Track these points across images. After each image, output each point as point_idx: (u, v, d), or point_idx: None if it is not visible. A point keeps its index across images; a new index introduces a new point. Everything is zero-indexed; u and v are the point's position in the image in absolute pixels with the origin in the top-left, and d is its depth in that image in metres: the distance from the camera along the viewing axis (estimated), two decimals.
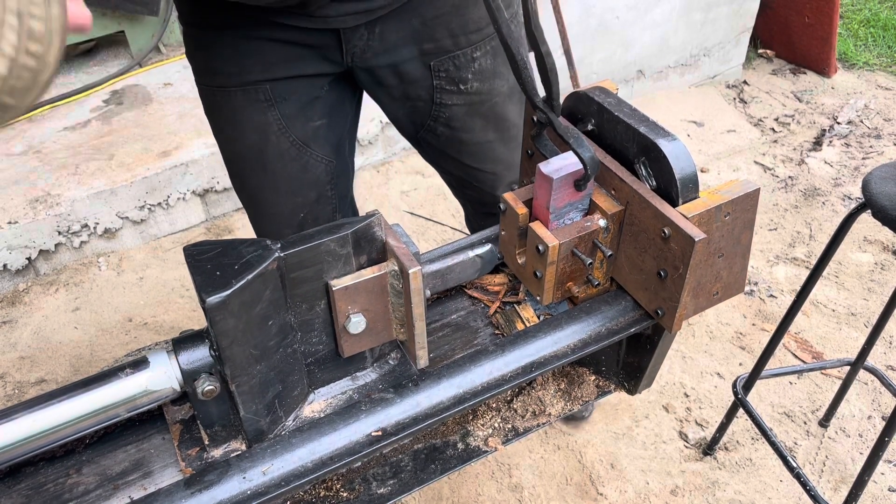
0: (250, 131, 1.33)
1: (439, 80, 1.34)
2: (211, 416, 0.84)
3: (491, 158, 1.48)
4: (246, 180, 1.42)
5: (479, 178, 1.52)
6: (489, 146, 1.46)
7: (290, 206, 1.41)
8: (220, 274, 0.75)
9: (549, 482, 2.00)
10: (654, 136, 0.88)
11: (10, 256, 2.53)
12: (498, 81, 1.38)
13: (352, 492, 1.02)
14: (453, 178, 1.57)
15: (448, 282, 1.06)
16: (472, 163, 1.48)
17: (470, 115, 1.39)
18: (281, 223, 1.43)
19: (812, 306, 2.53)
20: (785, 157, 3.32)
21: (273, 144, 1.34)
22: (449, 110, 1.38)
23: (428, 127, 1.42)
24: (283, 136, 1.33)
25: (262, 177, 1.38)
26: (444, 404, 0.88)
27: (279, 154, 1.35)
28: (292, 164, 1.37)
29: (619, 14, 3.34)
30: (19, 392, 2.27)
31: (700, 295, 0.96)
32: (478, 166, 1.49)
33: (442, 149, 1.46)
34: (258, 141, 1.33)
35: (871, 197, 1.39)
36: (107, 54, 3.42)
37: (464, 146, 1.44)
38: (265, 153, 1.35)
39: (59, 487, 0.86)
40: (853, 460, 2.04)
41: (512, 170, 1.54)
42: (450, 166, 1.52)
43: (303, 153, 1.37)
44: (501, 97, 1.40)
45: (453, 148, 1.45)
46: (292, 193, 1.40)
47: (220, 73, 1.29)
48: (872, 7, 4.43)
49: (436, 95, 1.36)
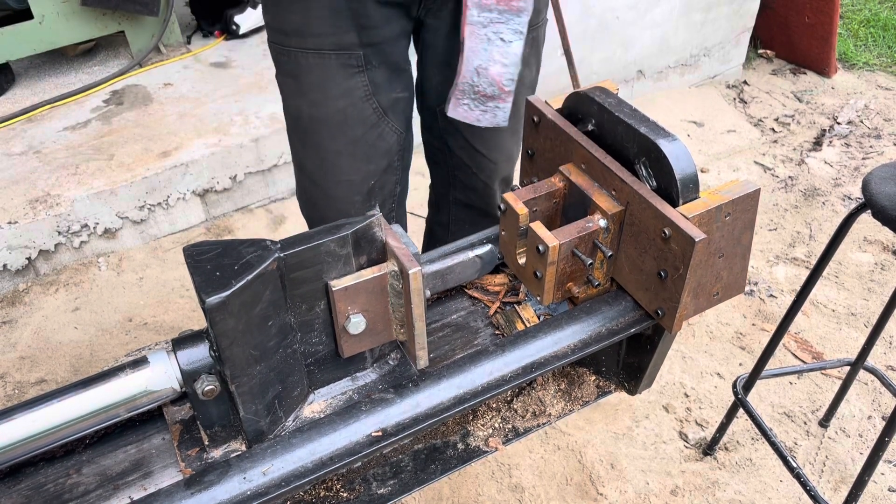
0: (338, 96, 1.35)
1: None
2: (210, 416, 0.84)
3: (497, 146, 1.53)
4: (325, 145, 1.42)
5: (480, 163, 1.56)
6: (500, 133, 1.50)
7: (363, 172, 1.45)
8: (219, 274, 0.75)
9: (549, 482, 2.00)
10: (654, 136, 0.88)
11: (10, 256, 2.53)
12: (526, 71, 1.41)
13: (352, 492, 1.02)
14: (452, 159, 1.60)
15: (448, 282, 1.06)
16: (479, 146, 1.52)
17: None
18: (352, 189, 1.46)
19: (812, 306, 2.53)
20: (785, 157, 3.32)
21: (358, 109, 1.37)
22: None
23: None
24: (368, 102, 1.37)
25: (343, 142, 1.40)
26: (444, 405, 0.87)
27: (362, 120, 1.39)
28: (371, 131, 1.41)
29: (619, 14, 3.34)
30: (19, 392, 2.27)
31: (700, 295, 0.96)
32: (483, 151, 1.53)
33: (457, 126, 1.48)
34: (344, 106, 1.36)
35: (871, 197, 1.39)
36: (107, 54, 3.42)
37: (479, 129, 1.46)
38: (349, 118, 1.38)
39: (60, 487, 0.86)
40: (853, 460, 2.04)
41: (509, 163, 1.61)
42: (457, 145, 1.55)
43: (382, 121, 1.41)
44: (524, 87, 1.43)
45: (468, 128, 1.47)
46: (367, 160, 1.44)
47: (314, 35, 1.30)
48: (872, 7, 4.43)
49: None
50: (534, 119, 1.04)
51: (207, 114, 2.97)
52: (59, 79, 3.24)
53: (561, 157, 1.01)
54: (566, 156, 1.00)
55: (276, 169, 2.93)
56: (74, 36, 3.12)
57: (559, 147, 1.01)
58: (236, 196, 2.90)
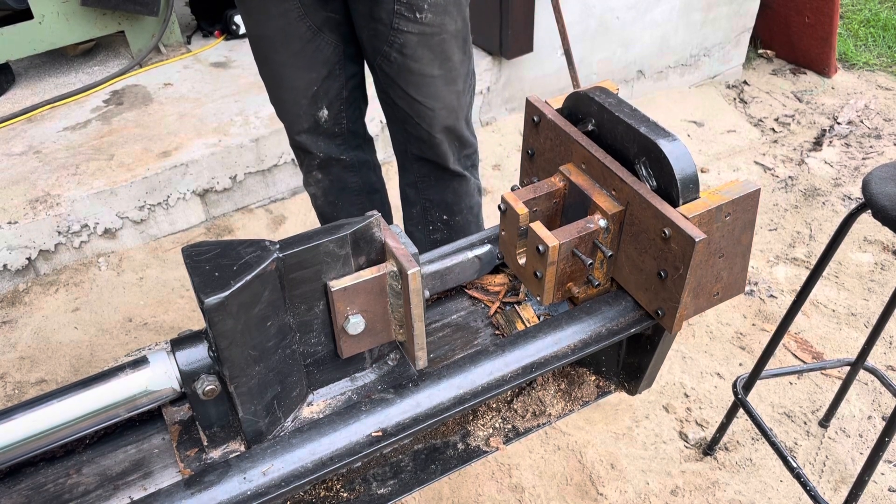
0: (276, 16, 1.62)
1: (399, 6, 1.56)
2: (209, 416, 0.84)
3: (432, 94, 1.70)
4: (270, 57, 1.70)
5: (419, 111, 1.72)
6: (432, 81, 1.68)
7: (305, 80, 1.71)
8: (218, 275, 0.75)
9: (549, 482, 2.00)
10: (654, 136, 0.88)
11: (10, 256, 2.53)
12: (448, 19, 1.62)
13: (352, 492, 1.02)
14: (398, 112, 1.77)
15: (447, 282, 1.06)
16: (415, 94, 1.69)
17: (420, 45, 1.62)
18: (298, 94, 1.73)
19: (812, 306, 2.53)
20: (785, 157, 3.32)
21: (294, 27, 1.63)
22: (403, 37, 1.61)
23: (384, 53, 1.65)
24: (302, 21, 1.63)
25: (284, 54, 1.67)
26: (444, 405, 0.87)
27: (298, 36, 1.64)
28: (308, 45, 1.66)
29: (619, 14, 3.34)
30: (19, 392, 2.27)
31: (700, 295, 0.96)
32: (420, 99, 1.70)
33: (394, 77, 1.68)
34: (282, 25, 1.63)
35: (871, 197, 1.39)
36: (107, 54, 3.42)
37: (412, 76, 1.67)
38: (287, 34, 1.64)
39: (60, 487, 0.86)
40: (853, 460, 2.04)
41: (450, 113, 1.76)
42: (396, 96, 1.73)
43: (317, 36, 1.66)
44: (448, 35, 1.64)
45: (402, 77, 1.67)
46: (307, 69, 1.70)
47: None
48: (872, 7, 4.43)
49: (394, 20, 1.58)
50: (534, 119, 1.04)
51: (207, 114, 2.97)
52: (59, 79, 3.24)
53: (561, 157, 1.01)
54: (566, 156, 1.00)
55: (276, 169, 2.93)
56: (74, 36, 3.12)
57: (559, 147, 1.01)
58: (236, 196, 2.90)
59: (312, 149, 1.83)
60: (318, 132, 1.80)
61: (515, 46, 3.11)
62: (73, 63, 3.35)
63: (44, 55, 3.30)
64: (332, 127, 1.81)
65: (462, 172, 1.89)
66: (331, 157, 1.86)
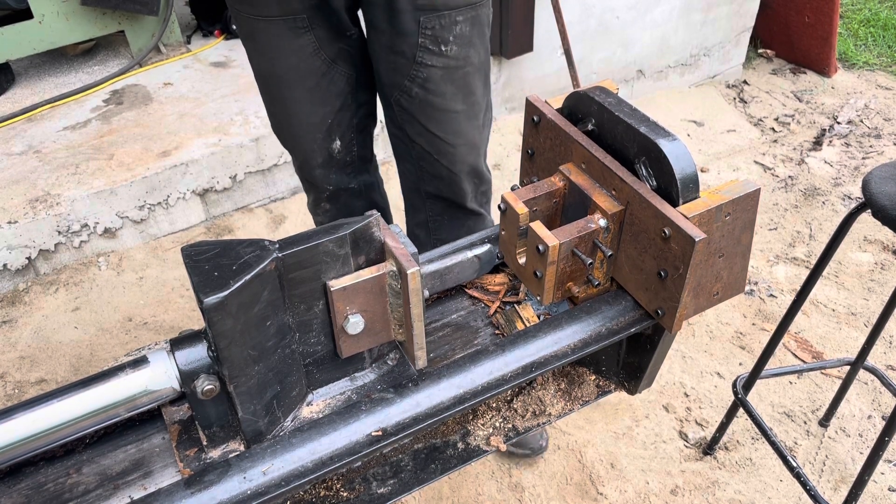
0: (290, 53, 1.54)
1: (424, 38, 1.48)
2: (209, 416, 0.84)
3: (454, 130, 1.62)
4: (283, 95, 1.63)
5: (440, 148, 1.64)
6: (455, 117, 1.60)
7: (320, 114, 1.64)
8: (218, 274, 0.75)
9: (549, 482, 2.00)
10: (654, 135, 0.88)
11: (10, 256, 2.53)
12: (472, 51, 1.54)
13: (352, 491, 1.02)
14: (414, 148, 1.68)
15: (447, 282, 1.06)
16: (436, 131, 1.61)
17: (444, 79, 1.54)
18: (314, 129, 1.66)
19: (812, 306, 2.53)
20: (785, 157, 3.32)
21: (308, 63, 1.56)
22: (427, 70, 1.52)
23: (404, 88, 1.56)
24: (317, 55, 1.55)
25: (299, 91, 1.60)
26: (444, 404, 0.87)
27: (313, 71, 1.57)
28: (323, 79, 1.59)
29: (619, 14, 3.33)
30: (19, 392, 2.27)
31: (700, 295, 0.96)
32: (441, 136, 1.62)
33: (413, 112, 1.60)
34: (296, 62, 1.55)
35: (871, 197, 1.39)
36: (107, 54, 3.42)
37: (434, 111, 1.58)
38: (302, 71, 1.57)
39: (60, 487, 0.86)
40: (853, 460, 2.04)
41: (471, 150, 1.68)
42: (414, 132, 1.64)
43: (331, 69, 1.59)
44: (472, 68, 1.56)
45: (423, 113, 1.59)
46: (322, 104, 1.63)
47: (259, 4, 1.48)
48: (872, 7, 4.43)
49: (418, 54, 1.50)
50: (534, 119, 1.04)
51: (207, 113, 2.97)
52: (59, 78, 3.24)
53: (561, 157, 1.01)
54: (566, 155, 1.00)
55: (276, 168, 2.93)
56: (74, 35, 3.12)
57: (559, 146, 1.01)
58: (236, 196, 2.90)
59: (324, 183, 1.77)
60: (330, 165, 1.74)
61: (515, 46, 3.11)
62: (73, 63, 3.35)
63: (44, 55, 3.30)
64: (343, 157, 1.74)
65: (479, 210, 1.81)
66: (340, 188, 1.79)
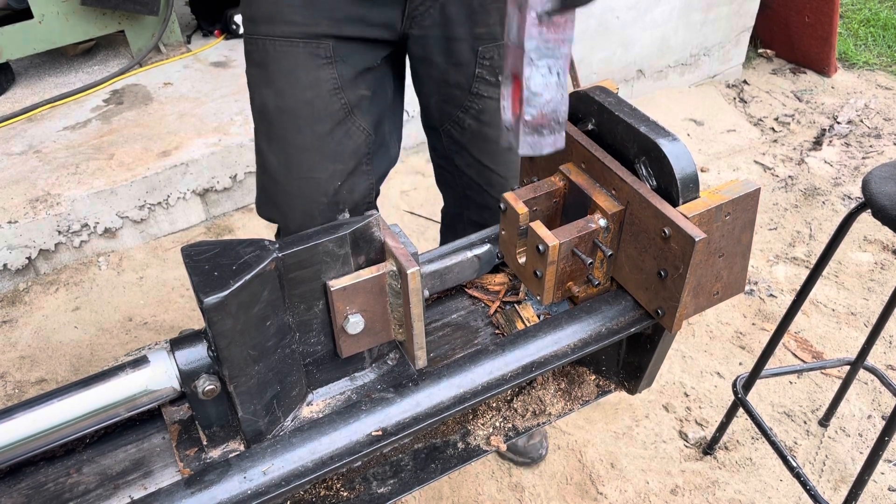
0: (306, 86, 1.30)
1: (482, 69, 1.35)
2: (209, 416, 0.84)
3: (506, 162, 1.48)
4: (290, 139, 1.35)
5: (490, 180, 1.51)
6: (508, 150, 1.44)
7: (329, 171, 1.37)
8: (217, 274, 0.75)
9: (549, 482, 2.00)
10: (654, 135, 0.88)
11: (10, 256, 2.53)
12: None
13: (352, 491, 1.02)
14: (462, 178, 1.55)
15: (447, 282, 1.06)
16: (489, 163, 1.48)
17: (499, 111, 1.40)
18: (317, 188, 1.38)
19: (812, 306, 2.53)
20: (785, 157, 3.32)
21: (325, 103, 1.32)
22: (482, 102, 1.39)
23: (456, 118, 1.43)
24: (336, 96, 1.32)
25: (309, 136, 1.34)
26: (444, 404, 0.87)
27: (329, 114, 1.33)
28: (339, 127, 1.35)
29: (619, 14, 3.33)
30: (19, 392, 2.27)
31: (700, 295, 0.96)
32: (494, 168, 1.48)
33: (464, 143, 1.46)
34: (312, 98, 1.31)
35: (871, 197, 1.39)
36: (107, 54, 3.42)
37: (487, 143, 1.45)
38: (316, 111, 1.32)
39: (60, 487, 0.86)
40: (853, 460, 2.04)
41: (518, 180, 1.52)
42: (464, 163, 1.50)
43: (349, 118, 1.35)
44: None
45: (475, 144, 1.45)
46: (334, 159, 1.37)
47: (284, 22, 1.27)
48: (872, 7, 4.43)
49: (474, 85, 1.37)
50: None
51: (207, 113, 2.97)
52: (59, 78, 3.24)
53: (561, 157, 1.01)
54: (566, 155, 1.00)
55: None
56: (74, 35, 3.12)
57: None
58: (236, 195, 2.90)
59: None
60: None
61: None
62: (73, 62, 3.34)
63: (44, 55, 3.30)
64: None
65: None
66: None
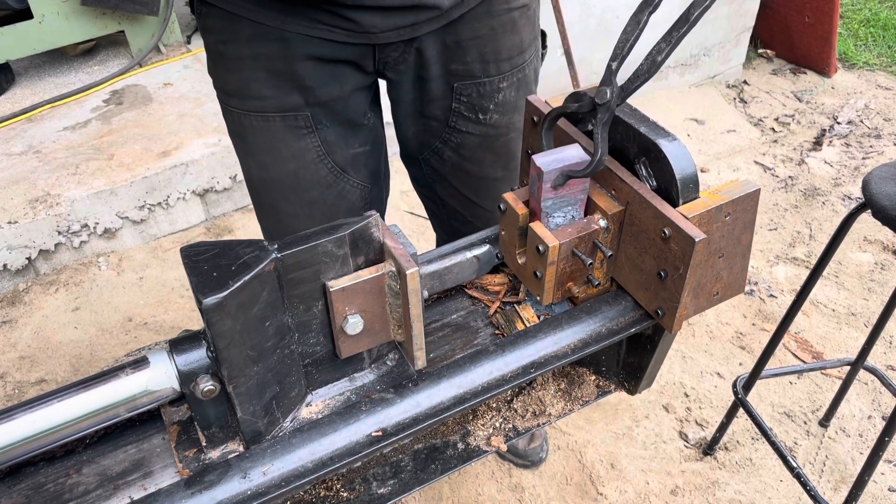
0: (288, 158, 1.26)
1: (458, 104, 1.29)
2: (208, 417, 0.84)
3: (493, 196, 1.42)
4: (279, 207, 1.34)
5: (475, 213, 1.45)
6: (494, 184, 1.40)
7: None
8: (217, 275, 0.75)
9: (549, 482, 2.00)
10: (654, 136, 0.88)
11: (10, 256, 2.53)
12: (517, 116, 1.33)
13: (352, 492, 1.02)
14: (445, 208, 1.49)
15: (446, 282, 1.06)
16: (472, 196, 1.42)
17: (483, 147, 1.34)
18: None
19: (812, 306, 2.53)
20: (785, 157, 3.32)
21: (311, 172, 1.28)
22: (461, 137, 1.33)
23: (435, 148, 1.37)
24: (322, 162, 1.28)
25: (298, 204, 1.32)
26: (444, 404, 0.87)
27: (317, 182, 1.29)
28: (328, 191, 1.31)
29: (619, 14, 3.33)
30: (19, 392, 2.27)
31: (700, 295, 0.96)
32: (478, 201, 1.43)
33: (444, 174, 1.40)
34: (296, 168, 1.27)
35: (871, 197, 1.39)
36: (107, 54, 3.42)
37: (469, 178, 1.39)
38: (302, 181, 1.29)
39: (60, 487, 0.86)
40: (853, 460, 2.04)
41: None
42: (446, 194, 1.44)
43: (340, 180, 1.32)
44: (517, 133, 1.35)
45: (457, 177, 1.39)
46: (328, 220, 1.34)
47: (254, 97, 1.21)
48: (872, 7, 4.43)
49: (451, 118, 1.31)
50: (534, 119, 1.04)
51: (207, 113, 2.97)
52: (59, 79, 3.24)
53: None
54: None
55: None
56: (74, 36, 3.12)
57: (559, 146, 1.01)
58: (236, 196, 2.90)
59: None
60: None
61: None
62: (73, 63, 3.35)
63: (44, 55, 3.30)
64: None
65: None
66: None
